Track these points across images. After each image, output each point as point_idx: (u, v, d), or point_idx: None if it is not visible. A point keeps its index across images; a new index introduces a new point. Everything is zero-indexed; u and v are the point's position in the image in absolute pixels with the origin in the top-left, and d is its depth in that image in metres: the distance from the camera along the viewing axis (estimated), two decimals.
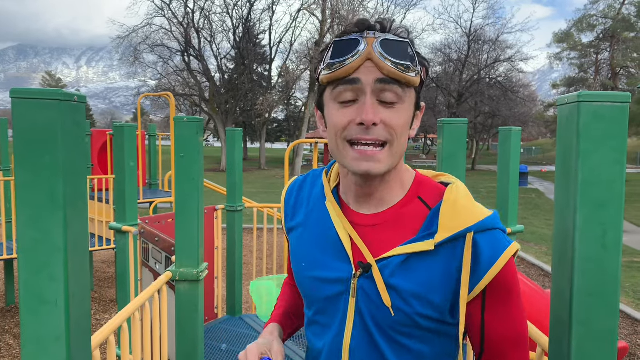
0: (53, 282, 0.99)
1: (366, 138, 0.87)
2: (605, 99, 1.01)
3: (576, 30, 32.80)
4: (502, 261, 0.88)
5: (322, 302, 1.01)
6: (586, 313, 1.03)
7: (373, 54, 0.86)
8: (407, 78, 0.87)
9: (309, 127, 33.58)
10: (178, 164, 2.04)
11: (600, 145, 1.00)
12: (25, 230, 0.98)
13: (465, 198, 0.94)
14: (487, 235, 0.89)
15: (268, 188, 21.58)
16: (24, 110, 0.97)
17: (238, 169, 4.01)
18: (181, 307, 2.06)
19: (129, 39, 32.89)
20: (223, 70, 35.94)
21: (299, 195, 1.11)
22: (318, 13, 31.64)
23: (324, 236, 1.01)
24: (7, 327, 6.14)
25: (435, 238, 0.90)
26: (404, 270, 0.92)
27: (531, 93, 46.67)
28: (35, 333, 1.00)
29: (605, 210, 1.01)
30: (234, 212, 4.05)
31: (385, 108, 0.88)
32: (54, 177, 0.98)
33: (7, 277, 6.73)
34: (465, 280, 0.89)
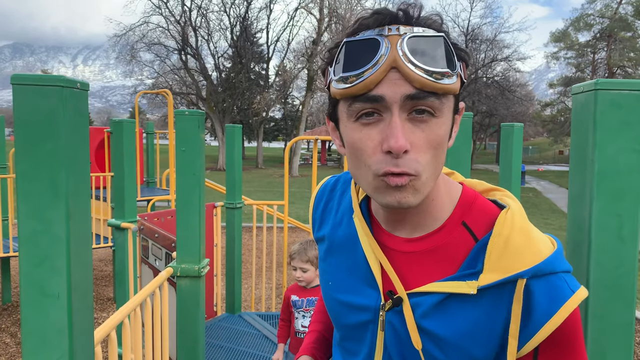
0: (55, 274, 0.96)
1: (396, 170, 0.69)
2: (623, 86, 0.98)
3: (573, 30, 32.88)
4: (563, 314, 0.70)
5: (349, 329, 0.89)
6: (602, 306, 1.00)
7: (399, 61, 0.67)
8: (444, 88, 0.68)
9: (306, 126, 33.52)
10: (179, 158, 2.00)
11: (618, 134, 0.98)
12: (27, 221, 0.95)
13: (521, 232, 0.74)
14: (544, 281, 0.71)
15: (266, 187, 21.53)
16: (25, 97, 0.93)
17: (237, 166, 3.98)
18: (182, 303, 2.03)
19: (126, 37, 32.78)
20: (220, 69, 35.84)
21: (329, 202, 0.97)
22: (315, 12, 31.61)
23: (352, 256, 0.87)
24: (4, 326, 6.09)
25: (479, 280, 0.73)
26: (440, 313, 0.77)
27: (528, 92, 46.78)
28: (37, 326, 0.97)
29: (622, 201, 0.98)
30: (233, 209, 4.02)
31: (415, 126, 0.69)
32: (56, 167, 0.95)
33: (4, 274, 6.67)
34: (515, 333, 0.72)
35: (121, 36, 32.62)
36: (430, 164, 0.71)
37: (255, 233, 5.07)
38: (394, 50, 0.67)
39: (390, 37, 0.68)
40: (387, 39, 0.68)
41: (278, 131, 53.34)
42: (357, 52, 0.69)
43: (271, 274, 6.86)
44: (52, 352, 0.98)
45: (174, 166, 6.88)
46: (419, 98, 0.68)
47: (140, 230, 2.97)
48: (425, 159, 0.70)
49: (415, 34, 0.68)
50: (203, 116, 2.07)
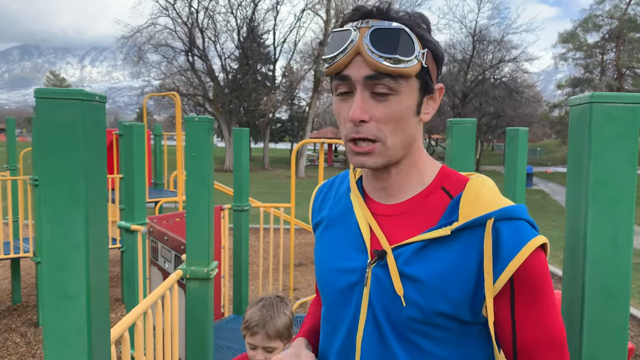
0: (75, 277, 1.01)
1: (356, 136, 0.86)
2: (617, 100, 1.02)
3: (582, 31, 32.72)
4: (527, 250, 0.81)
5: (337, 294, 0.97)
6: (597, 312, 1.04)
7: (362, 48, 0.83)
8: (397, 71, 0.83)
9: (312, 127, 33.60)
10: (189, 163, 2.06)
11: (612, 145, 1.02)
12: (48, 227, 1.01)
13: (490, 189, 0.89)
14: (510, 223, 0.83)
15: (272, 188, 21.61)
16: (47, 109, 0.99)
17: (245, 169, 4.04)
18: (192, 305, 2.09)
19: (133, 39, 33.03)
20: (227, 70, 36.01)
21: (327, 194, 1.10)
22: (322, 13, 31.67)
23: (346, 227, 0.99)
24: (14, 326, 6.18)
25: (452, 224, 0.86)
26: (419, 259, 0.87)
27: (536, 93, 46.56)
28: (58, 327, 1.02)
29: (616, 210, 1.02)
30: (240, 212, 4.07)
31: (377, 102, 0.85)
32: (76, 175, 1.00)
33: (14, 275, 6.77)
34: (488, 268, 0.82)
35: (129, 38, 32.87)
36: (393, 132, 0.87)
37: (262, 235, 5.13)
38: (360, 40, 0.83)
39: (361, 28, 0.84)
40: (359, 30, 0.84)
41: (284, 132, 53.46)
42: (336, 41, 0.86)
43: (278, 275, 6.91)
44: (72, 351, 1.03)
45: (181, 168, 6.95)
46: (376, 78, 0.83)
47: (150, 233, 3.03)
48: (387, 128, 0.86)
49: (379, 26, 0.83)
50: (212, 122, 2.13)
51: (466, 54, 36.24)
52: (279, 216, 4.81)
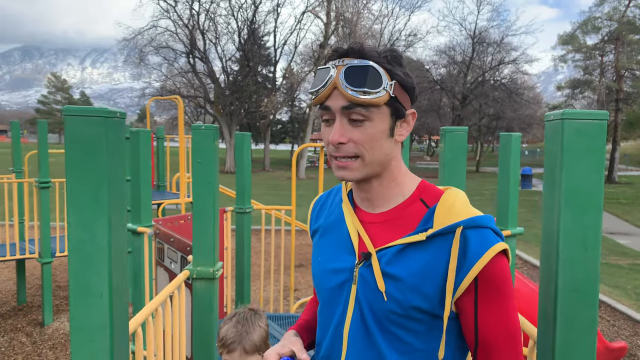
0: (99, 276, 1.13)
1: (337, 154, 1.02)
2: (586, 116, 1.14)
3: (581, 33, 32.80)
4: (490, 255, 0.95)
5: (329, 292, 1.11)
6: (569, 307, 1.15)
7: (338, 83, 0.98)
8: (367, 101, 0.97)
9: (313, 129, 33.71)
10: (195, 169, 2.18)
11: (582, 158, 1.13)
12: (75, 232, 1.12)
13: (462, 201, 1.03)
14: (476, 231, 0.97)
15: (273, 189, 21.71)
16: (74, 125, 1.10)
17: (247, 172, 4.15)
18: (198, 304, 2.20)
19: (135, 41, 33.17)
20: (228, 72, 36.14)
21: (323, 205, 1.24)
22: (322, 15, 31.80)
23: (338, 233, 1.13)
24: (20, 326, 6.29)
25: (427, 230, 1.00)
26: (399, 260, 1.00)
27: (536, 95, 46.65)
28: (83, 322, 1.14)
29: (586, 216, 1.13)
30: (242, 214, 4.18)
31: (354, 127, 1.00)
32: (100, 185, 1.11)
33: (19, 276, 6.88)
34: (452, 270, 0.96)
35: (130, 40, 33.02)
36: (369, 151, 1.01)
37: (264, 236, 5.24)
38: (337, 76, 0.99)
39: (338, 66, 1.00)
40: (336, 68, 1.00)
41: (285, 134, 53.56)
42: (319, 76, 1.02)
43: (279, 276, 7.02)
44: (95, 345, 1.14)
45: (184, 170, 7.06)
46: (350, 108, 0.99)
47: (156, 235, 3.13)
48: (363, 147, 1.01)
49: (351, 64, 0.99)
50: (217, 130, 2.24)
51: (466, 55, 36.33)
52: (280, 218, 4.92)
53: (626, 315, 6.76)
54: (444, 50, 38.05)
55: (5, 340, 5.81)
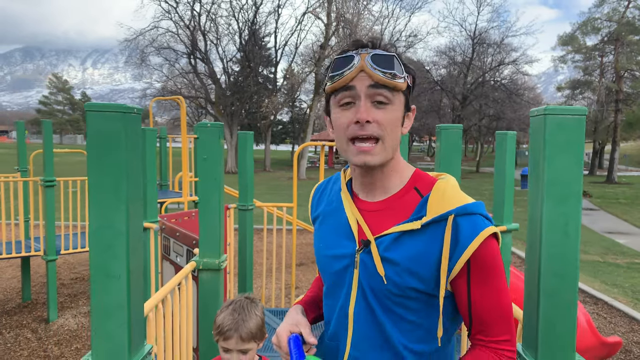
0: (117, 260, 1.22)
1: (362, 134, 1.06)
2: (567, 112, 1.23)
3: (580, 34, 32.89)
4: (480, 239, 1.02)
5: (334, 276, 1.19)
6: (551, 289, 1.25)
7: (365, 66, 1.05)
8: (394, 83, 1.06)
9: (313, 129, 33.80)
10: (201, 165, 2.27)
11: (563, 150, 1.22)
12: (96, 219, 1.22)
13: (453, 189, 1.10)
14: (467, 218, 1.04)
15: (274, 189, 21.78)
16: (95, 121, 1.20)
17: (249, 171, 4.24)
18: (204, 293, 2.29)
19: (136, 42, 33.28)
20: (229, 73, 36.24)
21: (323, 192, 1.33)
22: (323, 16, 31.89)
23: (338, 221, 1.21)
24: (25, 322, 6.38)
25: (422, 218, 1.07)
26: (396, 246, 1.08)
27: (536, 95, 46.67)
28: (103, 302, 1.23)
29: (566, 204, 1.23)
30: (245, 211, 4.27)
31: (377, 109, 1.06)
32: (119, 176, 1.21)
33: (24, 274, 6.97)
34: (446, 254, 1.04)
35: (132, 40, 33.14)
36: (389, 134, 1.08)
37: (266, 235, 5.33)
38: (363, 61, 1.06)
39: (361, 54, 1.07)
40: (360, 55, 1.07)
41: (285, 134, 53.63)
42: (341, 63, 1.09)
43: (280, 275, 7.11)
44: (114, 322, 1.24)
45: (186, 169, 7.16)
46: (377, 87, 1.05)
47: (162, 230, 3.22)
48: (385, 129, 1.07)
49: (376, 52, 1.07)
50: (222, 128, 2.34)
51: (466, 56, 36.40)
52: (282, 217, 5.01)
53: (623, 313, 6.85)
54: (444, 51, 38.14)
55: (11, 336, 5.91)
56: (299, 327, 1.20)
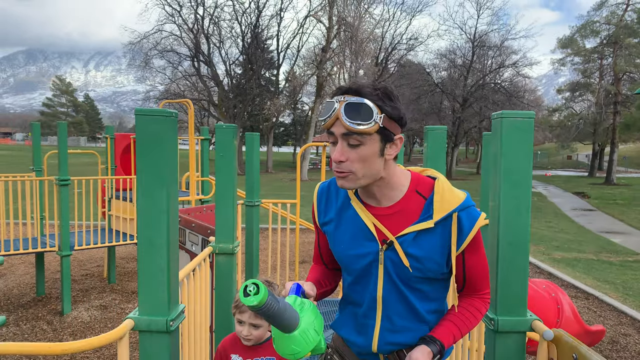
0: (160, 232, 1.54)
1: (337, 169, 1.34)
2: (520, 115, 1.54)
3: (579, 37, 33.22)
4: (476, 228, 1.36)
5: (360, 271, 1.45)
6: (507, 255, 1.56)
7: (340, 115, 1.28)
8: (361, 131, 1.27)
9: (315, 131, 34.12)
10: (218, 162, 2.59)
11: (515, 147, 1.54)
12: (143, 200, 1.53)
13: (448, 189, 1.39)
14: (465, 212, 1.36)
15: (276, 190, 22.07)
16: (144, 123, 1.52)
17: (255, 170, 4.56)
18: (220, 275, 2.61)
19: (140, 45, 33.68)
20: (231, 75, 36.62)
21: (329, 198, 1.54)
22: (325, 20, 32.26)
23: (355, 225, 1.44)
24: (40, 314, 6.68)
25: (433, 218, 1.36)
26: (416, 243, 1.37)
27: (536, 98, 46.95)
28: (148, 267, 1.55)
29: (518, 189, 1.54)
30: (252, 207, 4.58)
31: (351, 149, 1.31)
32: (162, 166, 1.53)
33: (39, 269, 7.27)
34: (454, 242, 1.35)
35: (136, 44, 33.56)
36: (361, 168, 1.33)
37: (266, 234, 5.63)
38: (339, 109, 1.29)
39: (340, 101, 1.30)
40: (339, 102, 1.30)
41: (287, 136, 54.01)
42: (327, 107, 1.33)
43: (284, 272, 7.42)
44: (157, 282, 1.56)
45: (194, 170, 7.48)
46: (348, 135, 1.30)
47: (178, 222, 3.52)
48: (357, 166, 1.32)
49: (350, 101, 1.29)
50: (236, 129, 2.65)
51: (466, 59, 36.71)
52: (285, 216, 5.31)
53: (612, 307, 7.12)
54: (445, 54, 38.49)
55: (28, 328, 6.21)
56: (305, 286, 1.46)
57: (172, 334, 1.58)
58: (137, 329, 1.54)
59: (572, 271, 9.15)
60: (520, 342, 1.58)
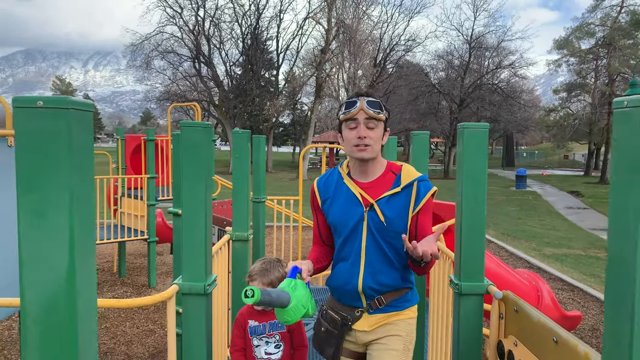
0: (200, 217, 1.99)
1: (361, 143, 1.91)
2: (476, 126, 2.00)
3: (575, 38, 33.72)
4: (429, 195, 1.93)
5: (349, 230, 1.96)
6: (467, 236, 2.01)
7: (364, 107, 1.91)
8: (378, 117, 1.92)
9: (314, 131, 34.58)
10: (235, 162, 3.05)
11: (474, 151, 1.99)
12: (187, 192, 1.99)
13: (412, 169, 2.00)
14: (423, 183, 1.94)
15: (277, 190, 22.49)
16: (188, 133, 1.97)
17: (262, 168, 5.01)
18: (236, 258, 3.06)
19: (141, 46, 34.10)
20: (231, 76, 37.05)
21: (326, 182, 2.09)
22: (324, 22, 32.69)
23: (347, 197, 1.99)
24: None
25: (401, 185, 1.94)
26: (388, 205, 1.93)
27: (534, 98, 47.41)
28: (190, 241, 2.00)
29: (476, 184, 2.00)
30: (258, 203, 5.03)
31: (369, 130, 1.91)
32: (204, 168, 1.98)
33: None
34: (412, 204, 1.93)
35: (137, 45, 33.99)
36: (375, 144, 1.93)
37: (268, 231, 6.09)
38: (362, 103, 1.92)
39: (360, 100, 1.93)
40: (359, 100, 1.93)
41: (287, 136, 54.47)
42: (349, 104, 1.95)
43: None
44: (197, 254, 2.01)
45: None
46: (369, 119, 1.91)
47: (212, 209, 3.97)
48: (372, 141, 1.92)
49: (369, 99, 1.94)
50: (249, 133, 3.11)
51: (463, 60, 37.15)
52: (289, 215, 5.75)
53: (595, 298, 7.58)
54: (442, 55, 38.94)
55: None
56: (302, 265, 1.91)
57: (208, 297, 2.04)
58: (182, 292, 2.00)
59: (560, 266, 9.61)
60: (478, 303, 2.04)
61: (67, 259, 0.93)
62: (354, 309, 1.97)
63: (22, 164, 0.89)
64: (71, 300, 0.95)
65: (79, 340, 0.94)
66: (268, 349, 2.35)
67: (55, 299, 0.94)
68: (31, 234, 0.93)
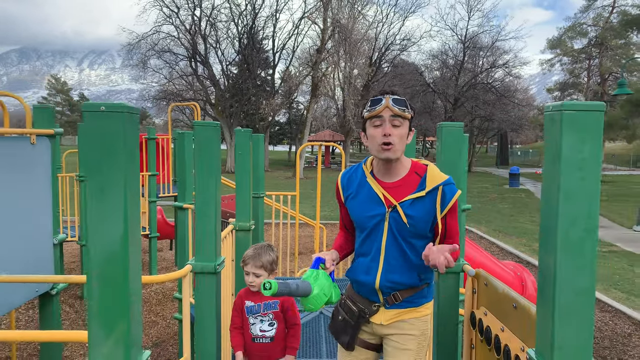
0: (211, 208, 2.26)
1: (386, 141, 1.85)
2: (452, 125, 2.28)
3: (567, 38, 34.15)
4: (455, 198, 1.93)
5: (371, 228, 1.98)
6: None
7: (389, 104, 1.86)
8: (404, 115, 1.88)
9: (310, 130, 34.82)
10: (237, 158, 3.32)
11: (451, 147, 2.28)
12: (199, 185, 2.25)
13: (437, 172, 1.97)
14: (448, 186, 1.93)
15: (273, 188, 22.65)
16: (200, 132, 2.23)
17: (261, 166, 5.28)
18: (239, 245, 3.33)
19: (138, 46, 34.22)
20: (228, 75, 37.22)
21: (350, 178, 2.08)
22: (319, 21, 32.91)
23: (369, 195, 1.99)
24: (62, 299, 7.36)
25: (426, 189, 1.92)
26: (412, 207, 1.92)
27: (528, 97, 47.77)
28: (203, 229, 2.27)
29: (455, 171, 2.28)
30: (257, 198, 5.31)
31: (394, 128, 1.87)
32: (211, 161, 2.25)
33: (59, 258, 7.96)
34: (438, 208, 1.92)
35: (134, 45, 34.11)
36: (399, 143, 1.90)
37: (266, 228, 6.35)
38: (387, 101, 1.89)
39: (386, 97, 1.90)
40: (385, 98, 1.90)
41: (283, 135, 54.64)
42: (374, 102, 1.92)
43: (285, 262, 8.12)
44: (209, 240, 2.28)
45: None
46: (395, 117, 1.89)
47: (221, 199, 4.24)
48: (397, 140, 1.89)
49: (395, 97, 1.91)
50: (251, 131, 3.37)
51: (458, 59, 37.47)
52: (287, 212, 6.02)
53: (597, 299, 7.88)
54: (437, 54, 39.25)
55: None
56: (326, 256, 1.99)
57: (217, 275, 2.32)
58: (194, 271, 2.27)
59: None
60: (455, 280, 2.32)
61: (122, 225, 1.20)
62: (371, 303, 2.03)
63: (89, 153, 1.16)
64: (124, 257, 1.21)
65: (130, 291, 1.21)
66: (262, 326, 2.56)
67: (114, 257, 1.20)
68: (97, 206, 1.20)
